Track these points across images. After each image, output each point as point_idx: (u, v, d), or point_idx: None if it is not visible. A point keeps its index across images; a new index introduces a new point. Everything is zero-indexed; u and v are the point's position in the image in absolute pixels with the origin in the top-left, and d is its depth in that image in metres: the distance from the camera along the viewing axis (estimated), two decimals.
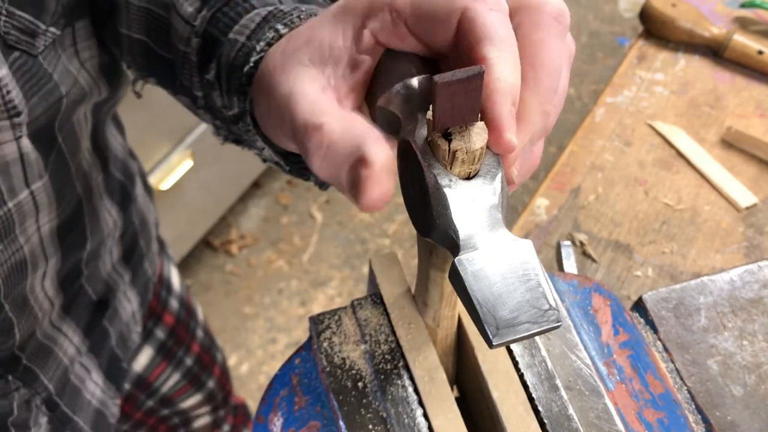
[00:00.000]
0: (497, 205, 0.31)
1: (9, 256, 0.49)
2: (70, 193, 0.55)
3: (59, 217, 0.54)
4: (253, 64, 0.39)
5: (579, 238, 0.69)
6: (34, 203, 0.50)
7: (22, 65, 0.45)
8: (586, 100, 2.22)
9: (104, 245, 0.64)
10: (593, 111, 0.80)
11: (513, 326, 0.29)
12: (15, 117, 0.44)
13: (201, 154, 1.59)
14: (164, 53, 0.48)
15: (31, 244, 0.51)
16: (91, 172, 0.59)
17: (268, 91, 0.37)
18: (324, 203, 2.00)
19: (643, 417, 0.45)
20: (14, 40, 0.44)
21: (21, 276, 0.52)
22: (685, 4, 0.85)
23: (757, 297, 0.53)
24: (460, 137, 0.31)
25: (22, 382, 0.56)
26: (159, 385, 0.81)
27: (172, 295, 0.81)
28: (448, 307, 0.43)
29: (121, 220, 0.67)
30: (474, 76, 0.29)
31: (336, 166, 0.31)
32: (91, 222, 0.60)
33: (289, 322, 1.80)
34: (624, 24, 2.43)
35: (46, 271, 0.55)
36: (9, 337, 0.53)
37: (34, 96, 0.46)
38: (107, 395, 0.68)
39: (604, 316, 0.49)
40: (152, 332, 0.78)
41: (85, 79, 0.52)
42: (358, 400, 0.43)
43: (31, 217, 0.50)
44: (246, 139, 0.43)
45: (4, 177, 0.46)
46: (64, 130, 0.52)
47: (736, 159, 0.75)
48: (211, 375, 0.89)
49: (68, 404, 0.62)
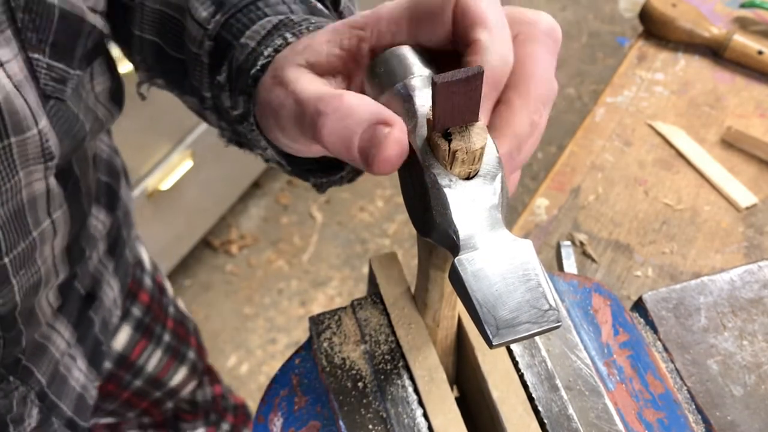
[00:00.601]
0: (497, 205, 0.31)
1: (29, 278, 0.51)
2: (80, 213, 0.57)
3: (69, 235, 0.56)
4: (260, 67, 0.40)
5: (579, 238, 0.69)
6: (53, 229, 0.52)
7: (57, 112, 0.47)
8: (586, 100, 2.22)
9: (95, 248, 0.66)
10: (593, 111, 0.80)
11: (513, 326, 0.29)
12: (49, 161, 0.47)
13: (201, 154, 1.60)
14: (176, 54, 0.49)
15: (46, 265, 0.54)
16: (92, 186, 0.61)
17: (268, 89, 0.38)
18: (324, 203, 2.00)
19: (643, 417, 0.45)
20: (51, 90, 0.46)
21: (35, 293, 0.54)
22: (685, 4, 0.85)
23: (757, 297, 0.53)
24: (460, 137, 0.31)
25: (20, 381, 0.58)
26: (142, 363, 0.83)
27: (145, 273, 0.83)
28: (448, 307, 0.43)
29: (109, 219, 0.69)
30: (473, 76, 0.29)
31: (351, 128, 0.33)
32: (85, 233, 0.62)
33: (289, 322, 1.80)
34: (624, 24, 2.43)
35: (53, 285, 0.58)
36: (17, 346, 0.55)
37: (66, 138, 0.48)
38: (89, 379, 0.69)
39: (604, 316, 0.49)
40: (129, 311, 0.79)
41: (101, 112, 0.55)
42: (358, 400, 0.43)
43: (48, 242, 0.52)
44: (250, 139, 0.45)
45: (31, 211, 0.48)
46: (78, 160, 0.55)
47: (736, 159, 0.75)
48: (189, 346, 0.91)
49: (55, 393, 0.64)
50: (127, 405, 0.85)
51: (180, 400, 0.94)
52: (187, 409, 0.97)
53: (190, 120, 1.55)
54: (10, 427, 0.58)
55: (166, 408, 0.91)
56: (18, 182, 0.45)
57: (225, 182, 1.80)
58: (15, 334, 0.54)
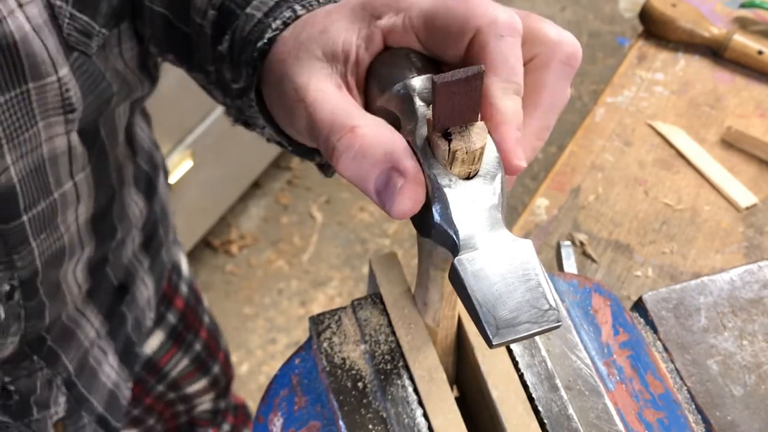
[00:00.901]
0: (497, 205, 0.31)
1: (51, 244, 0.51)
2: (106, 184, 0.57)
3: (95, 207, 0.56)
4: (267, 40, 0.39)
5: (579, 238, 0.69)
6: (76, 193, 0.52)
7: (81, 65, 0.47)
8: (586, 100, 2.22)
9: (129, 234, 0.66)
10: (593, 111, 0.80)
11: (513, 326, 0.29)
12: (70, 113, 0.46)
13: (201, 154, 1.59)
14: (183, 27, 0.49)
15: (70, 233, 0.53)
16: (124, 163, 0.61)
17: (280, 77, 0.37)
18: (324, 203, 2.00)
19: (643, 417, 0.45)
20: (74, 41, 0.46)
21: (58, 263, 0.54)
22: (685, 4, 0.85)
23: (757, 297, 0.53)
24: (460, 137, 0.31)
25: (45, 362, 0.58)
26: (169, 370, 0.83)
27: (182, 279, 0.83)
28: (448, 307, 0.43)
29: (146, 209, 0.69)
30: (473, 76, 0.29)
31: (365, 169, 0.32)
32: (120, 212, 0.62)
33: (289, 322, 1.79)
34: (624, 24, 2.43)
35: (79, 259, 0.57)
36: (40, 320, 0.55)
37: (90, 94, 0.48)
38: (121, 378, 0.69)
39: (604, 316, 0.49)
40: (164, 316, 0.79)
41: (131, 78, 0.55)
42: (358, 400, 0.43)
43: (71, 207, 0.52)
44: (250, 116, 0.44)
45: (52, 168, 0.48)
46: (107, 125, 0.54)
47: (736, 159, 0.75)
48: (216, 360, 0.91)
49: (85, 385, 0.64)
50: (149, 410, 0.85)
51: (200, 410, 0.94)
52: (207, 417, 0.97)
53: (190, 120, 1.55)
54: (34, 410, 0.58)
55: (178, 411, 0.91)
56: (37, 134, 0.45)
57: (225, 182, 1.80)
58: (37, 306, 0.54)
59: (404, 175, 0.31)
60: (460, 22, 0.33)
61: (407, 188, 0.31)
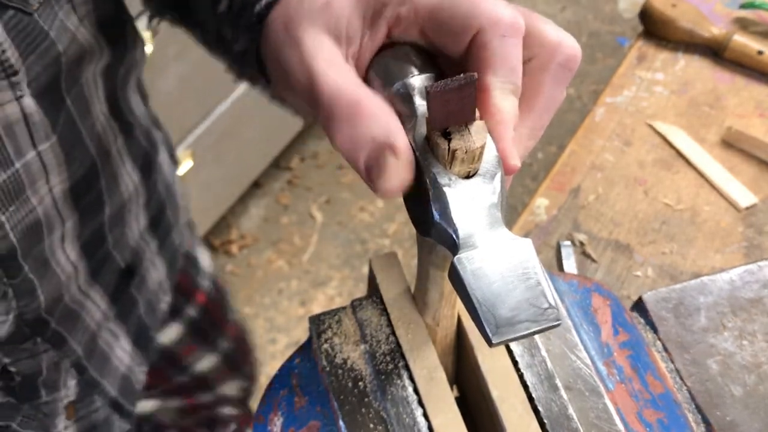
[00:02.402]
0: (497, 204, 0.31)
1: (23, 217, 0.50)
2: (82, 155, 0.55)
3: (71, 178, 0.54)
4: (265, 5, 0.38)
5: (579, 238, 0.69)
6: (42, 164, 0.50)
7: (17, 24, 0.44)
8: (586, 100, 2.22)
9: (128, 210, 0.64)
10: (593, 111, 0.80)
11: (512, 325, 0.29)
12: (12, 76, 0.44)
13: (201, 154, 1.60)
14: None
15: (44, 206, 0.52)
16: (107, 136, 0.59)
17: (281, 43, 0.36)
18: (324, 203, 2.00)
19: (643, 417, 0.45)
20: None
21: (37, 237, 0.52)
22: (685, 4, 0.85)
23: (757, 297, 0.53)
24: (459, 136, 0.31)
25: (50, 344, 0.57)
26: (190, 363, 0.83)
27: (201, 274, 0.82)
28: (448, 306, 0.43)
29: (144, 186, 0.67)
30: (466, 85, 0.30)
31: (360, 143, 0.32)
32: (109, 185, 0.60)
33: (289, 322, 1.79)
34: (624, 24, 2.43)
35: (64, 234, 0.56)
36: (33, 299, 0.54)
37: (31, 54, 0.46)
38: (135, 362, 0.69)
39: (604, 316, 0.49)
40: (183, 309, 0.79)
41: (84, 37, 0.52)
42: (358, 400, 0.43)
43: (41, 178, 0.50)
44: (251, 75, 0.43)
45: (9, 138, 0.46)
46: (72, 92, 0.52)
47: (736, 159, 0.75)
48: (247, 362, 0.90)
49: (96, 368, 0.63)
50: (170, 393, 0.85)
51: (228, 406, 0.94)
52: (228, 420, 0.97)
53: (190, 120, 1.55)
54: (42, 392, 0.57)
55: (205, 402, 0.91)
56: None
57: (225, 182, 1.80)
58: (24, 284, 0.52)
59: (396, 153, 0.31)
60: (464, 18, 0.33)
61: (397, 167, 0.31)
